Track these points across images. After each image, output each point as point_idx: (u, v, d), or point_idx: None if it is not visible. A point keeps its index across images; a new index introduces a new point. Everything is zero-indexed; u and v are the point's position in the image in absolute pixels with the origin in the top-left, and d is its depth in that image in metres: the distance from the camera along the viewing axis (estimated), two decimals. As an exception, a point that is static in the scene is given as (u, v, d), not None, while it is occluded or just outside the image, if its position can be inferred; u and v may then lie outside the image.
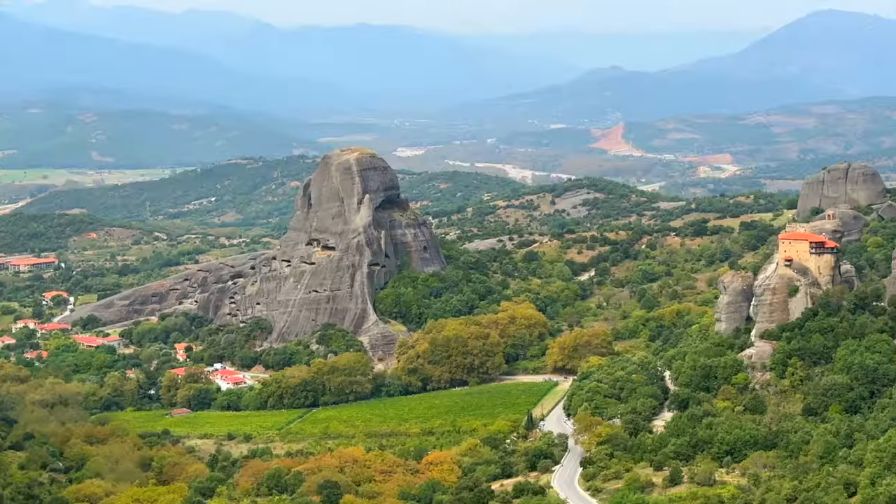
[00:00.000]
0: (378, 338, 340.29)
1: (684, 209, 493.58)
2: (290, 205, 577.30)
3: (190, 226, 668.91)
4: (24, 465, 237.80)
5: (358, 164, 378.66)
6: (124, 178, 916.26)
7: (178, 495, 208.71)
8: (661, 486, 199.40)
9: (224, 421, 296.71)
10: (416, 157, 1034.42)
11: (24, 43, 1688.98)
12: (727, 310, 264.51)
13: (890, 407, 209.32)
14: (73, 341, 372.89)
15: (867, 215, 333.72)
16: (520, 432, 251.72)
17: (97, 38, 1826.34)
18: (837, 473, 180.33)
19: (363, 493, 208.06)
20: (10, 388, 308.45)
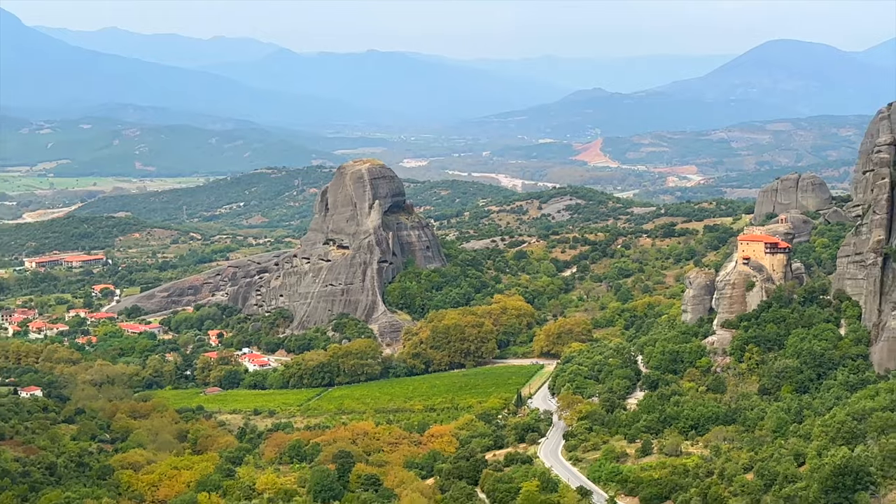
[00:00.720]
0: (386, 326, 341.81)
1: (655, 214, 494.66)
2: (309, 209, 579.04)
3: (221, 227, 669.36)
4: (75, 436, 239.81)
5: (369, 174, 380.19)
6: (164, 186, 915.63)
7: (210, 463, 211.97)
8: (634, 457, 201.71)
9: (251, 398, 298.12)
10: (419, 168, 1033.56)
11: (76, 67, 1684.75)
12: (692, 302, 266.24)
13: (835, 387, 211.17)
14: (118, 328, 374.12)
15: (815, 220, 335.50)
16: (510, 409, 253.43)
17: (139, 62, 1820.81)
18: (788, 446, 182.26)
19: (373, 462, 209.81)
20: (64, 369, 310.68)
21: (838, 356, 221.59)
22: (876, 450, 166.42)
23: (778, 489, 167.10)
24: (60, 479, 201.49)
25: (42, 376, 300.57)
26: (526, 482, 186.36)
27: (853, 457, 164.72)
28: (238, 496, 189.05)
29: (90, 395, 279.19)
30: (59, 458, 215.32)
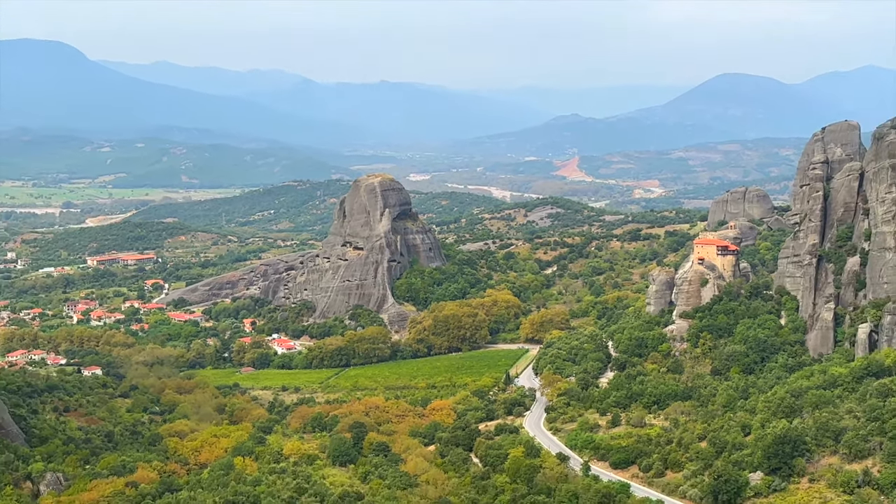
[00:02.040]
0: (395, 315, 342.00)
1: (623, 221, 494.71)
2: (329, 216, 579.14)
3: (254, 231, 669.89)
4: (129, 409, 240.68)
5: (380, 186, 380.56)
6: (206, 196, 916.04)
7: (244, 432, 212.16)
8: (605, 427, 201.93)
9: (279, 377, 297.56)
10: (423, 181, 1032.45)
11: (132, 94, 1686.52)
12: (655, 296, 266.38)
13: (776, 369, 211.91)
14: (167, 317, 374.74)
15: (760, 226, 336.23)
16: (500, 387, 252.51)
17: (186, 90, 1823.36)
18: (736, 418, 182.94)
19: (383, 431, 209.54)
20: (120, 351, 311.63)
21: (779, 342, 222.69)
22: (810, 422, 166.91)
23: (727, 455, 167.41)
24: (117, 445, 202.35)
25: (102, 357, 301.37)
26: (513, 449, 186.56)
27: (791, 428, 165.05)
28: (268, 460, 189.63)
29: (142, 374, 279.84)
30: (115, 428, 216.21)
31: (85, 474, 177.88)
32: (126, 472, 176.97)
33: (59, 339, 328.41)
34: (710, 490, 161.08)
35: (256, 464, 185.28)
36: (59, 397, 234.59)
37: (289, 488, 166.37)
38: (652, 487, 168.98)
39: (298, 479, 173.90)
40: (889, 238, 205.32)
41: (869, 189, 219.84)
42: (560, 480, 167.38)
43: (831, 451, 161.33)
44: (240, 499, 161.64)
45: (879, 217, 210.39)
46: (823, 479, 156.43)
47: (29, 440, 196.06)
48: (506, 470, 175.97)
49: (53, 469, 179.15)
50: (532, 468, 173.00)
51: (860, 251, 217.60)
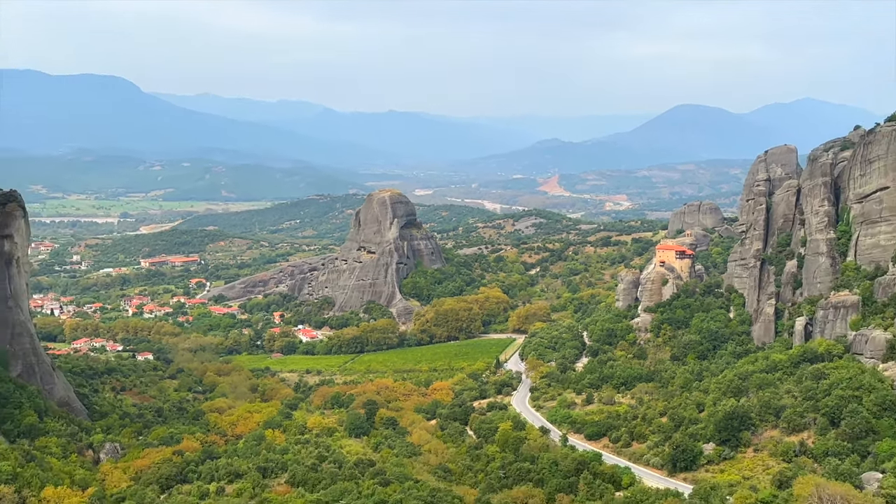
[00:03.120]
0: (402, 309, 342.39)
1: (596, 229, 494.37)
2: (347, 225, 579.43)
3: (283, 238, 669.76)
4: (177, 388, 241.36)
5: (390, 200, 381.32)
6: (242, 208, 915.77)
7: (274, 408, 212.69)
8: (581, 405, 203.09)
9: (304, 362, 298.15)
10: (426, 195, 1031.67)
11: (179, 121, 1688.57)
12: (623, 293, 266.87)
13: (725, 356, 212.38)
14: (208, 310, 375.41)
15: (712, 234, 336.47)
16: (491, 370, 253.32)
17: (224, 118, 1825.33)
18: (692, 397, 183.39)
19: (391, 408, 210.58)
20: (168, 339, 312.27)
21: (728, 333, 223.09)
22: (755, 401, 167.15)
23: (684, 429, 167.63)
24: (165, 419, 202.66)
25: (153, 345, 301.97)
26: (502, 423, 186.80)
27: (739, 406, 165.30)
28: (294, 432, 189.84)
29: (187, 359, 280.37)
30: (164, 404, 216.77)
31: (138, 444, 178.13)
32: (173, 442, 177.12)
33: (117, 329, 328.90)
34: (670, 458, 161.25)
35: (284, 435, 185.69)
36: (116, 378, 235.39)
37: (311, 456, 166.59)
38: (620, 456, 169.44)
39: (320, 448, 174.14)
40: (822, 244, 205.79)
41: (805, 203, 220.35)
42: (542, 450, 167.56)
43: (772, 425, 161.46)
44: (270, 465, 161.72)
45: (814, 227, 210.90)
46: (766, 450, 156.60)
47: (91, 415, 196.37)
48: (496, 441, 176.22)
49: (111, 440, 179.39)
50: (518, 439, 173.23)
51: (797, 256, 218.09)
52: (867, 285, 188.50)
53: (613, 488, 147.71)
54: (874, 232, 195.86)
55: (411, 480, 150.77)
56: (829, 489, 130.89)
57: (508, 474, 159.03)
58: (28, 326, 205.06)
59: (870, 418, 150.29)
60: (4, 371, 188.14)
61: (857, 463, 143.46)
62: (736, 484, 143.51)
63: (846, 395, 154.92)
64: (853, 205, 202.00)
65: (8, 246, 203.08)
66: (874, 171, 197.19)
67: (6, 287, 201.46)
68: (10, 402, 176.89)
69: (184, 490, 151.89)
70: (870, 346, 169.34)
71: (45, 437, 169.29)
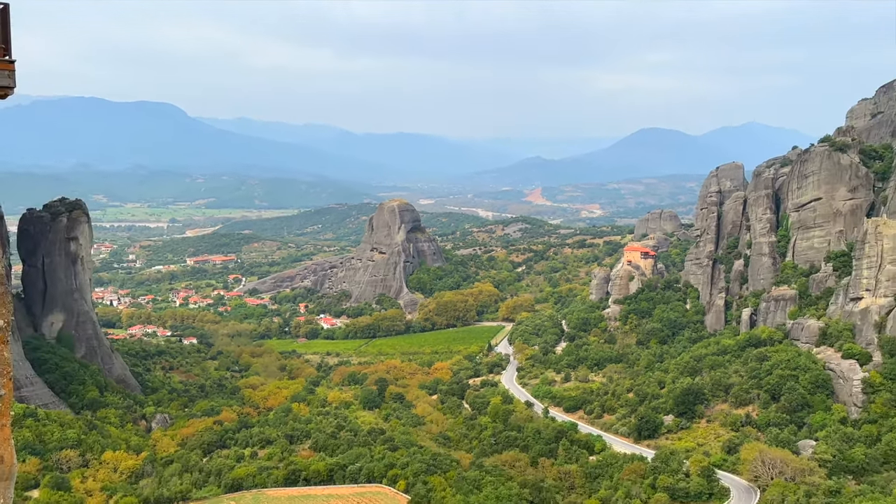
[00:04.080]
0: (408, 301, 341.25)
1: (573, 233, 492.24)
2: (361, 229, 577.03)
3: (307, 240, 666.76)
4: (217, 368, 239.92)
5: (398, 208, 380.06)
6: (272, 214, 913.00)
7: (299, 385, 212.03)
8: (560, 382, 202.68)
9: (325, 345, 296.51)
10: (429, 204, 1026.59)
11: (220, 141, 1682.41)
12: (596, 288, 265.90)
13: (683, 341, 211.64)
14: (244, 302, 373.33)
15: (671, 238, 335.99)
16: (484, 352, 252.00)
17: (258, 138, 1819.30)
18: (654, 376, 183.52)
19: (399, 385, 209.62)
20: (210, 326, 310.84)
21: (685, 321, 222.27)
22: (707, 379, 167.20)
23: (648, 403, 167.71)
24: (207, 394, 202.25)
25: (196, 331, 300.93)
26: (493, 398, 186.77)
27: (693, 383, 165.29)
28: (316, 405, 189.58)
29: (226, 343, 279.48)
30: (206, 381, 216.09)
31: (184, 415, 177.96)
32: (214, 413, 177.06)
33: (166, 317, 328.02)
34: (636, 428, 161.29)
35: (308, 408, 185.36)
36: (165, 359, 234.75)
37: (331, 425, 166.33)
38: (593, 426, 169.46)
39: (338, 419, 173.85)
40: (765, 247, 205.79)
41: (750, 211, 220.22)
42: (527, 420, 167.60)
43: (722, 400, 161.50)
44: (296, 433, 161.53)
45: (758, 232, 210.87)
46: (717, 421, 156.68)
47: (144, 390, 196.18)
48: (488, 413, 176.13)
49: (161, 411, 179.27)
50: (507, 412, 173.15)
51: (744, 256, 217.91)
52: (803, 281, 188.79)
53: (587, 453, 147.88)
54: (809, 236, 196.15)
55: (416, 446, 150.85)
56: (770, 454, 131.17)
57: (498, 441, 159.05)
58: (91, 315, 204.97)
59: (805, 394, 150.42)
60: (70, 352, 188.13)
61: (794, 432, 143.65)
62: (691, 449, 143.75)
63: (785, 374, 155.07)
64: (791, 213, 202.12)
65: (74, 246, 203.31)
66: (809, 185, 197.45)
67: (72, 281, 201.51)
68: (76, 379, 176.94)
69: (223, 454, 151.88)
70: (805, 333, 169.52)
71: (105, 409, 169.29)
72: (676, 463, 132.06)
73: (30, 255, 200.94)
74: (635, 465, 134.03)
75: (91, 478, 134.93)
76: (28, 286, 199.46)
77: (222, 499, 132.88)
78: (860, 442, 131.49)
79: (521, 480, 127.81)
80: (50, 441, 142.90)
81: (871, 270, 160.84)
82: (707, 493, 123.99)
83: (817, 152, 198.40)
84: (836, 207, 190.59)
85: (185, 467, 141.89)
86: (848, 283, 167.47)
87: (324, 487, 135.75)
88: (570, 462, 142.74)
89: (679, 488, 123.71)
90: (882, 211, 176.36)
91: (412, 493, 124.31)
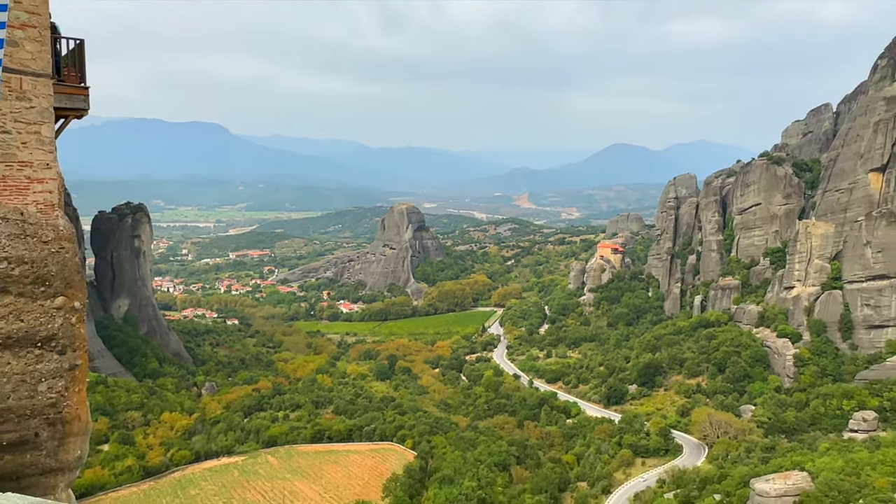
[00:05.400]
0: (414, 290, 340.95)
1: (555, 233, 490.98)
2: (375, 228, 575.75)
3: (329, 237, 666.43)
4: (255, 344, 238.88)
5: (407, 210, 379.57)
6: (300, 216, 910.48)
7: (323, 359, 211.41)
8: (542, 358, 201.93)
9: (344, 326, 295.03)
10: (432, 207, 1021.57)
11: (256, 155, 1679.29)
12: (573, 279, 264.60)
13: (645, 323, 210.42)
14: (276, 290, 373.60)
15: (637, 236, 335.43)
16: (479, 333, 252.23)
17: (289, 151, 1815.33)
18: (622, 353, 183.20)
19: (407, 360, 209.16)
20: (248, 310, 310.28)
21: (648, 307, 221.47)
22: (665, 355, 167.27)
23: (616, 375, 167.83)
24: (247, 366, 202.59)
25: (238, 313, 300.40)
26: (486, 371, 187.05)
27: (654, 358, 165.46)
28: (337, 376, 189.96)
29: (262, 323, 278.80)
30: (246, 355, 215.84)
31: (228, 383, 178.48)
32: (252, 382, 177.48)
33: (213, 301, 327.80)
34: (605, 395, 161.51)
35: (330, 378, 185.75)
36: (212, 337, 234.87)
37: (350, 393, 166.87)
38: (570, 394, 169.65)
39: (356, 388, 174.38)
40: (713, 244, 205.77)
41: (701, 214, 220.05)
42: (515, 390, 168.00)
43: (677, 372, 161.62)
44: (320, 399, 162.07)
45: (708, 231, 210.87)
46: (672, 389, 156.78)
47: (195, 362, 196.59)
48: (482, 384, 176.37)
49: (209, 380, 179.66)
50: (498, 383, 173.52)
51: (696, 252, 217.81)
52: (745, 273, 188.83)
53: (565, 417, 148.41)
54: (750, 235, 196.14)
55: (421, 411, 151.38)
56: (716, 417, 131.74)
57: (490, 407, 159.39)
58: (151, 299, 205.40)
59: (746, 367, 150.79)
60: (134, 331, 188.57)
61: (736, 399, 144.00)
62: (651, 413, 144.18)
63: (729, 350, 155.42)
64: (735, 216, 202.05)
65: (137, 243, 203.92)
66: (750, 192, 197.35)
67: (136, 272, 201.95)
68: (139, 352, 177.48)
69: (260, 416, 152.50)
70: (746, 316, 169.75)
71: (163, 378, 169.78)
72: (639, 424, 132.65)
73: (101, 249, 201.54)
74: (605, 426, 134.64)
75: (151, 434, 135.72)
76: (99, 276, 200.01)
77: (260, 453, 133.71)
78: (791, 407, 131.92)
79: (509, 439, 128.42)
80: (118, 404, 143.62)
81: (802, 264, 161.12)
82: (664, 449, 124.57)
83: (757, 165, 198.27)
84: (772, 211, 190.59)
85: (229, 426, 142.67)
86: (782, 275, 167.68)
87: (344, 444, 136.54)
88: (551, 424, 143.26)
89: (641, 445, 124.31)
90: (811, 214, 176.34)
91: (418, 450, 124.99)
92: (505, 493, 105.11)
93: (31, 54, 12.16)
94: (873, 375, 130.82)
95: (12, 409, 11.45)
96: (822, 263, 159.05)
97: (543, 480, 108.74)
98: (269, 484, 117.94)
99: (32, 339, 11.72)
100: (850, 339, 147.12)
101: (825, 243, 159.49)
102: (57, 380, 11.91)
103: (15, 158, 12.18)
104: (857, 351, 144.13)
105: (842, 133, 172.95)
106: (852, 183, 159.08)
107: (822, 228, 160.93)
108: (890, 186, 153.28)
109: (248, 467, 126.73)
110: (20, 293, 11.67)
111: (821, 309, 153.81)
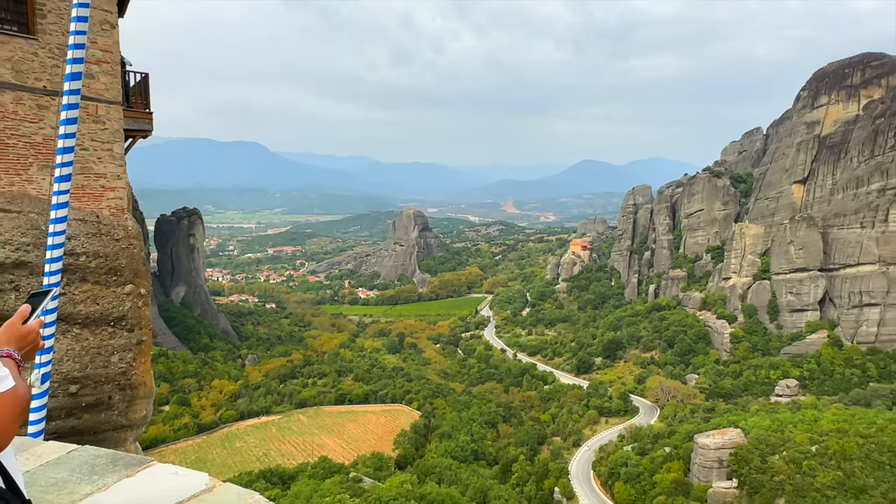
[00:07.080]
0: (420, 279, 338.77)
1: (535, 233, 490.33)
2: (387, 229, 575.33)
3: (350, 237, 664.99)
4: (288, 324, 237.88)
5: (413, 214, 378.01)
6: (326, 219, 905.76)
7: (345, 336, 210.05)
8: (525, 336, 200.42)
9: (362, 310, 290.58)
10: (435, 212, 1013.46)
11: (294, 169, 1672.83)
12: (550, 270, 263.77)
13: (608, 307, 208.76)
14: (307, 279, 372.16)
15: (602, 236, 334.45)
16: (472, 315, 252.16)
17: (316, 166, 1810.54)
18: (590, 331, 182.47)
19: (413, 337, 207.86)
20: (284, 296, 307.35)
21: (611, 293, 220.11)
22: (625, 333, 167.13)
23: (584, 349, 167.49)
24: (283, 342, 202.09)
25: (275, 298, 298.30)
26: (479, 346, 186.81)
27: (616, 336, 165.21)
28: (357, 350, 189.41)
29: (295, 307, 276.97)
30: (282, 333, 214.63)
31: (268, 356, 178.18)
32: (287, 355, 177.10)
33: (255, 289, 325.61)
34: (576, 366, 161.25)
35: (351, 352, 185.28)
36: (254, 318, 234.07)
37: (366, 364, 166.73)
38: (547, 365, 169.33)
39: (371, 360, 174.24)
40: (665, 242, 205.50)
41: (655, 218, 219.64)
42: (501, 362, 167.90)
43: (635, 347, 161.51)
44: (342, 368, 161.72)
45: (660, 232, 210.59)
46: (631, 361, 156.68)
47: (240, 338, 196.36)
48: (475, 356, 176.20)
49: (252, 353, 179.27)
50: (488, 355, 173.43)
51: (651, 249, 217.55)
52: (690, 266, 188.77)
53: (543, 384, 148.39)
54: (695, 235, 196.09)
55: (425, 379, 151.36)
56: (666, 384, 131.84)
57: (482, 376, 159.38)
58: (203, 287, 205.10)
59: (691, 343, 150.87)
60: (190, 312, 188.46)
61: (683, 369, 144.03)
62: (613, 381, 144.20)
63: (677, 329, 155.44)
64: (683, 219, 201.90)
65: (192, 240, 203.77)
66: (695, 200, 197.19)
67: (191, 264, 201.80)
68: (194, 330, 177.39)
69: (293, 382, 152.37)
70: (691, 302, 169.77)
71: (213, 351, 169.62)
72: (603, 390, 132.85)
73: (162, 246, 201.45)
74: (575, 391, 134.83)
75: (204, 397, 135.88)
76: (161, 268, 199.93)
77: (293, 412, 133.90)
78: (728, 376, 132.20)
79: (497, 402, 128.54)
80: (176, 372, 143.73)
81: (737, 259, 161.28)
82: (624, 410, 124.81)
83: (701, 177, 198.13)
84: (713, 216, 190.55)
85: (268, 391, 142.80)
86: (721, 268, 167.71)
87: (362, 406, 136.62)
88: (531, 390, 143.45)
89: (605, 407, 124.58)
90: (745, 218, 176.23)
91: (423, 410, 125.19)
92: (493, 446, 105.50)
93: (105, 85, 12.19)
94: (795, 350, 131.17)
95: (90, 376, 11.48)
96: (754, 258, 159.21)
97: (525, 435, 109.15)
98: (301, 438, 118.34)
99: (106, 319, 11.74)
100: (776, 320, 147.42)
101: (756, 242, 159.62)
102: (126, 352, 11.95)
103: (92, 171, 12.20)
104: (782, 330, 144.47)
105: (770, 151, 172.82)
106: (779, 192, 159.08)
107: (754, 230, 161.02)
108: (810, 195, 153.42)
109: (283, 424, 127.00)
110: (96, 281, 11.70)
111: (752, 296, 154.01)
